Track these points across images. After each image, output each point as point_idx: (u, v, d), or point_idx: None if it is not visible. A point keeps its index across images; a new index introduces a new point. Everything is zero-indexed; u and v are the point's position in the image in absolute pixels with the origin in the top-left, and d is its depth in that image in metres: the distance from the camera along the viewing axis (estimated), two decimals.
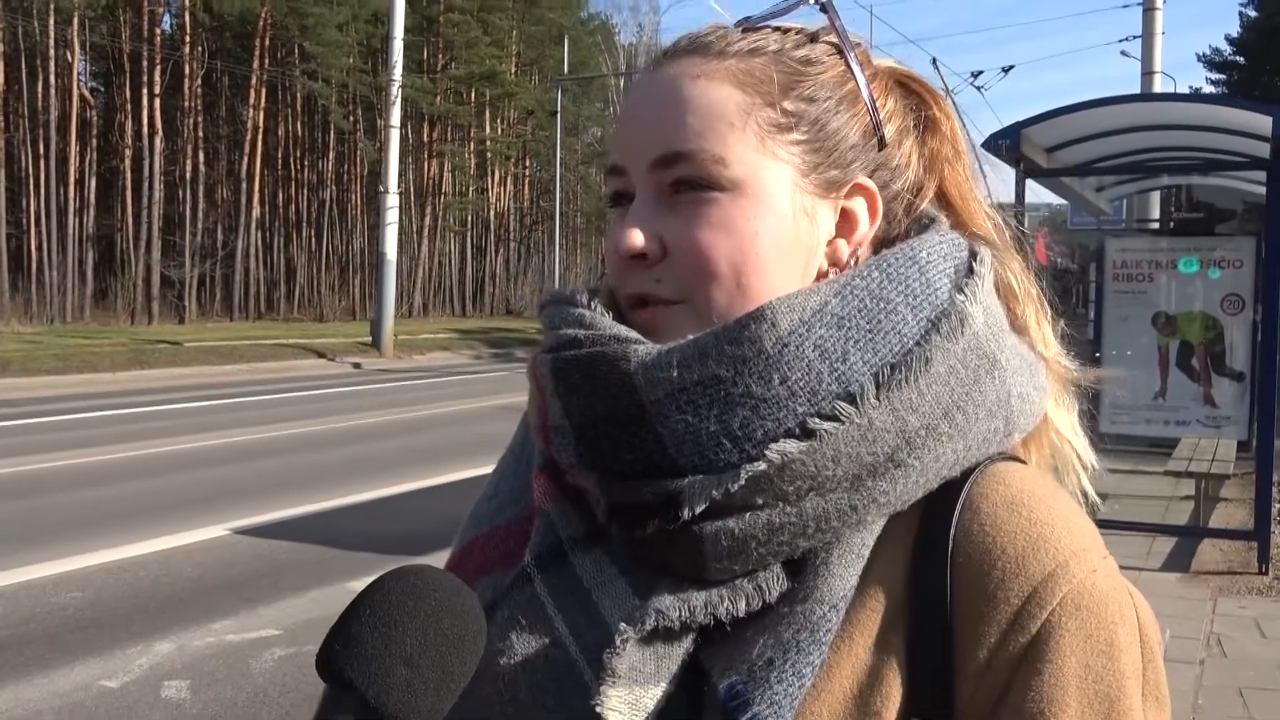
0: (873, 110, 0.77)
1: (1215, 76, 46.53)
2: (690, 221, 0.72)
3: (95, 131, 37.66)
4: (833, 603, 0.66)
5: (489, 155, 51.13)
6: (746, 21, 0.79)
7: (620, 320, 0.73)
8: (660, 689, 0.65)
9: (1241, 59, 45.63)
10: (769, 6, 0.80)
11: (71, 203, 35.37)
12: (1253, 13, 43.75)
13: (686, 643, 0.67)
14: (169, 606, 5.71)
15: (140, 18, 37.16)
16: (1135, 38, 17.24)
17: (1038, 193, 9.34)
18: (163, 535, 7.15)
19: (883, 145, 0.78)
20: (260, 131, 40.73)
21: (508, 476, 0.83)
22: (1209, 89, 43.70)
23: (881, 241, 0.77)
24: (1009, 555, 0.65)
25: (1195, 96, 17.04)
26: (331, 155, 45.34)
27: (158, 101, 36.76)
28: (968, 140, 0.84)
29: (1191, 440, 8.09)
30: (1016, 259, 0.81)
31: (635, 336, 0.70)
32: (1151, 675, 0.66)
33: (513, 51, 51.16)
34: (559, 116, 37.98)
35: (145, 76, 36.67)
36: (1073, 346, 0.84)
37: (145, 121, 36.43)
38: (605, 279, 0.78)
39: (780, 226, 0.73)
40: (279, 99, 43.12)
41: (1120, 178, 9.52)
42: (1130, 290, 8.45)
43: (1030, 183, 7.38)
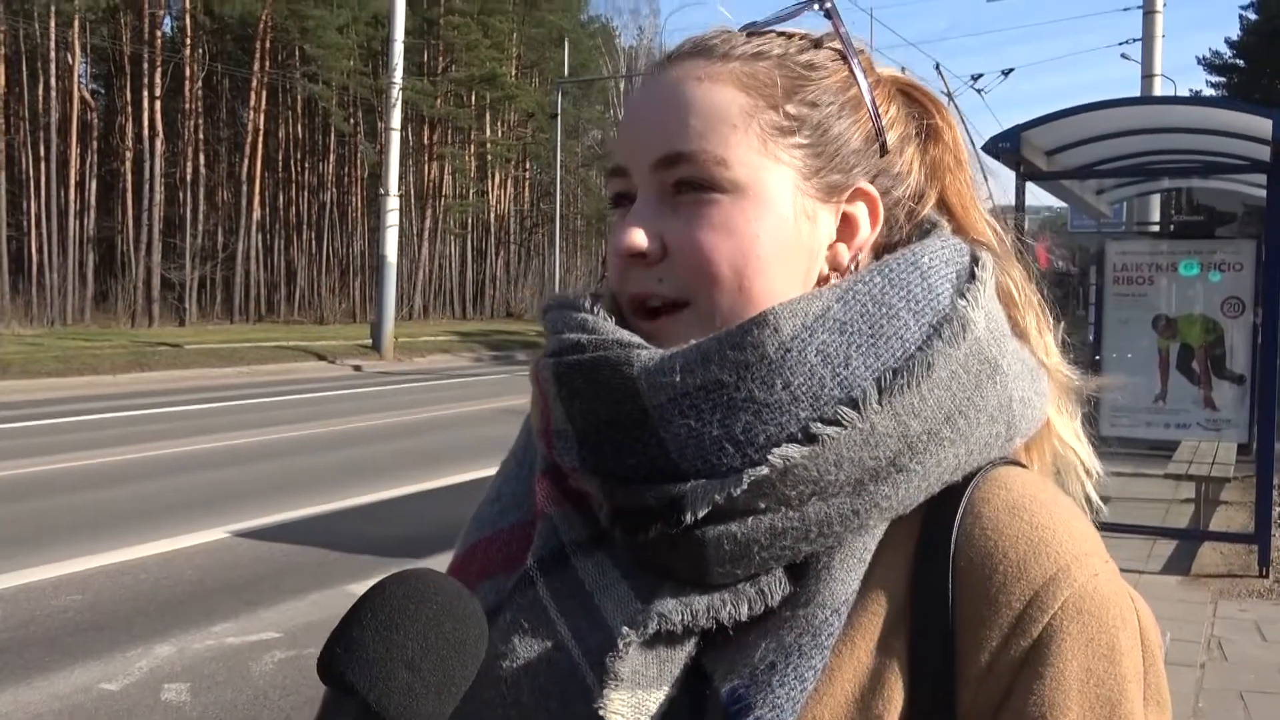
0: (875, 116, 0.77)
1: (1215, 79, 46.63)
2: (691, 222, 0.72)
3: (96, 134, 37.68)
4: (835, 607, 0.66)
5: (489, 158, 51.16)
6: (751, 26, 0.79)
7: (623, 325, 0.73)
8: (663, 692, 0.66)
9: (1241, 62, 45.68)
10: (773, 11, 0.80)
11: (72, 205, 35.38)
12: (1253, 16, 43.81)
13: (689, 646, 0.67)
14: (169, 609, 5.71)
15: (141, 20, 37.18)
16: (1135, 41, 17.28)
17: (1038, 196, 9.32)
18: (163, 538, 7.15)
19: (884, 151, 0.78)
20: (261, 134, 40.75)
21: (510, 480, 0.83)
22: (1209, 92, 43.80)
23: (883, 247, 0.78)
24: (1011, 559, 0.65)
25: (1195, 99, 17.04)
26: (332, 158, 45.39)
27: (158, 104, 36.78)
28: (970, 149, 0.84)
29: (1192, 443, 8.09)
30: (1018, 266, 0.81)
31: (638, 341, 0.71)
32: (1152, 679, 0.66)
33: (513, 54, 51.21)
34: (559, 119, 37.98)
35: (146, 79, 36.69)
36: (1073, 349, 0.84)
37: (146, 124, 36.45)
38: (606, 282, 0.78)
39: (781, 229, 0.73)
40: (279, 101, 43.15)
41: (1120, 180, 9.52)
42: (1130, 293, 8.45)
43: (1030, 186, 7.38)
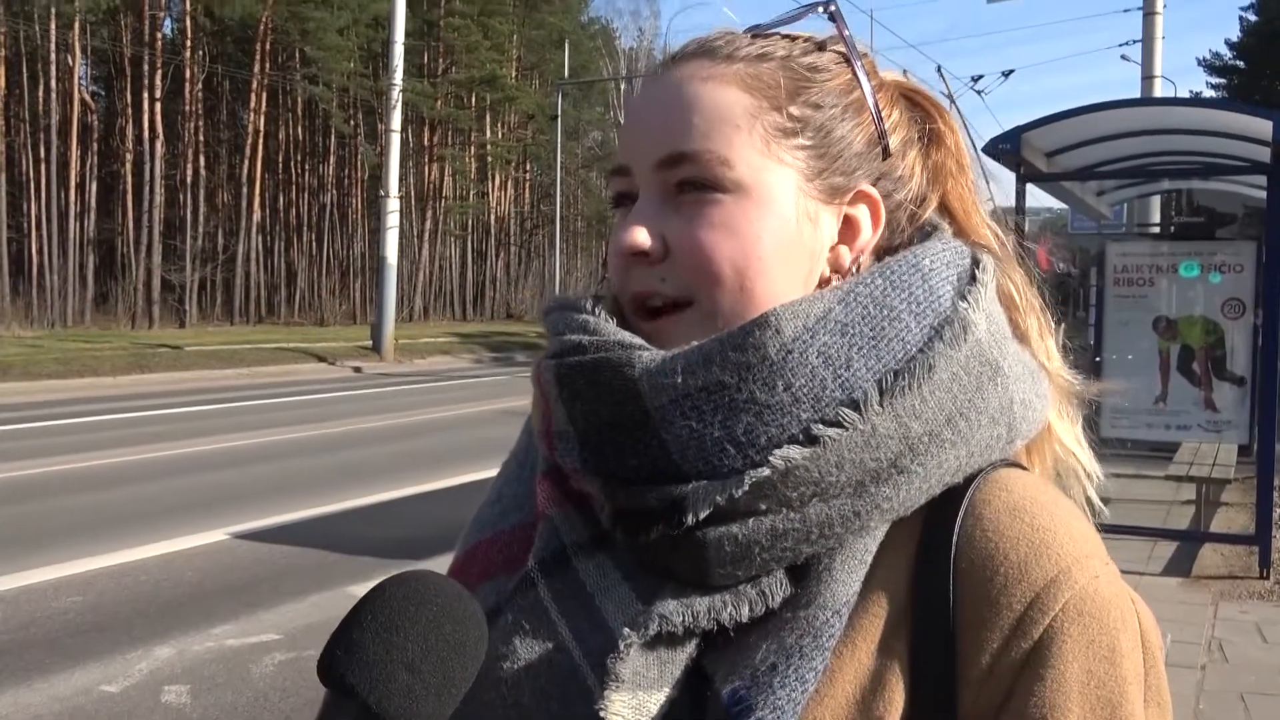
0: (878, 119, 0.77)
1: (1215, 81, 46.66)
2: (693, 221, 0.72)
3: (96, 136, 37.71)
4: (836, 608, 0.66)
5: (489, 159, 51.20)
6: (755, 29, 0.79)
7: (624, 326, 0.73)
8: (664, 694, 0.66)
9: (1242, 63, 45.71)
10: (778, 14, 0.80)
11: (72, 207, 35.39)
12: (1253, 17, 43.84)
13: (690, 648, 0.67)
14: (169, 611, 5.71)
15: (141, 22, 37.21)
16: (1135, 42, 17.26)
17: (1038, 197, 9.34)
18: (163, 540, 7.15)
19: (887, 154, 0.78)
20: (261, 136, 40.77)
21: (511, 482, 0.83)
22: (1209, 93, 43.80)
23: (884, 250, 0.78)
24: (1011, 561, 0.65)
25: (1195, 101, 17.02)
26: (332, 159, 45.41)
27: (158, 106, 36.79)
28: (973, 154, 0.84)
29: (1192, 444, 8.08)
30: (1019, 271, 0.81)
31: (639, 342, 0.71)
32: (1153, 680, 0.66)
33: (513, 56, 51.26)
34: (559, 120, 38.01)
35: (146, 81, 36.71)
36: (1073, 351, 0.84)
37: (146, 126, 36.47)
38: (607, 284, 0.78)
39: (783, 230, 0.73)
40: (280, 103, 43.17)
41: (1121, 182, 9.52)
42: (1131, 294, 8.44)
43: (1030, 187, 7.38)
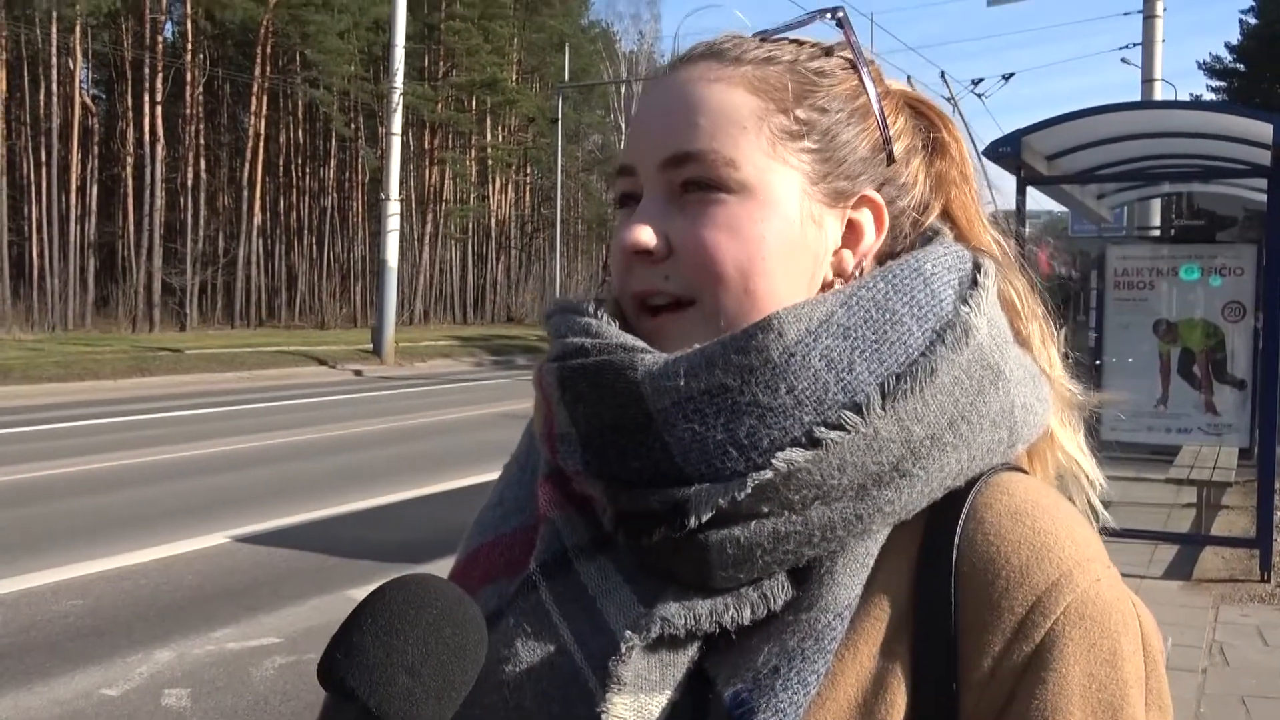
0: (883, 125, 0.78)
1: (1216, 84, 46.67)
2: (698, 221, 0.72)
3: (97, 139, 37.76)
4: (837, 611, 0.66)
5: (490, 162, 51.24)
6: (763, 33, 0.79)
7: (626, 329, 0.73)
8: (665, 697, 0.65)
9: (1242, 66, 45.74)
10: (786, 20, 0.80)
11: (73, 210, 35.42)
12: (1253, 20, 43.87)
13: (692, 650, 0.67)
14: (169, 614, 5.70)
15: (142, 25, 37.25)
16: (1136, 45, 17.29)
17: (1038, 200, 9.31)
18: (163, 543, 7.15)
19: (891, 161, 0.78)
20: (262, 139, 40.80)
21: (513, 484, 0.83)
22: (1209, 96, 43.82)
23: (887, 256, 0.78)
24: (1013, 564, 0.65)
25: (1196, 104, 17.02)
26: (333, 162, 45.44)
27: (159, 109, 36.83)
28: (976, 164, 0.84)
29: (1193, 448, 8.08)
30: (1021, 278, 0.82)
31: (642, 345, 0.71)
32: (1154, 684, 0.66)
33: (514, 59, 51.31)
34: (560, 124, 38.07)
35: (147, 84, 36.75)
36: (1073, 354, 0.84)
37: (147, 129, 36.51)
38: (608, 287, 0.78)
39: (787, 232, 0.73)
40: (280, 106, 43.21)
41: (1121, 185, 9.52)
42: (1131, 298, 8.44)
43: (1031, 190, 7.38)
